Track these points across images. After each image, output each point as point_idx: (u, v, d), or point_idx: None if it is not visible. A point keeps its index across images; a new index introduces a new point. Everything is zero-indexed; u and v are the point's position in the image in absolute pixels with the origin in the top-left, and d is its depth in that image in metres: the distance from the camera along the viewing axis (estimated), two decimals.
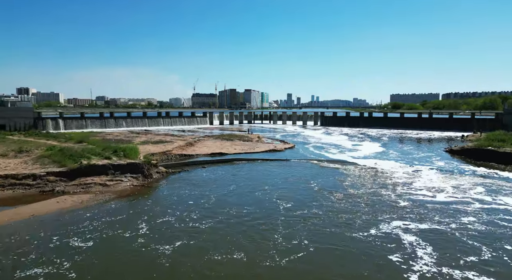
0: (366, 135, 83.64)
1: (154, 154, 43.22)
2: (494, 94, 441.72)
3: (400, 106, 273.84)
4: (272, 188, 29.55)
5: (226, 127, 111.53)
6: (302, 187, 30.09)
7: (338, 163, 41.38)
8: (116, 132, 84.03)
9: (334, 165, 40.53)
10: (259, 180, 33.05)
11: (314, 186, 30.10)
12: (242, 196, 27.15)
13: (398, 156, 47.02)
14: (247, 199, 26.21)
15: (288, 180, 33.16)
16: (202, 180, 33.49)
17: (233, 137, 70.18)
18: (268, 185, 30.67)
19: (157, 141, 56.26)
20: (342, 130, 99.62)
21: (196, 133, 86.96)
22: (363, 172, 35.51)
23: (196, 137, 75.85)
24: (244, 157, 47.07)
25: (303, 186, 30.27)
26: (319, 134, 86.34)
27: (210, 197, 26.78)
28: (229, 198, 26.65)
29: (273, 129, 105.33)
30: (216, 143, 60.06)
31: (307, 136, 78.25)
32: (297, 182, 32.09)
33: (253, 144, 60.77)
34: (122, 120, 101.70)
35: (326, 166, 40.00)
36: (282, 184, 31.05)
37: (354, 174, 34.86)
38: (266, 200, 25.83)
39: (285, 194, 27.36)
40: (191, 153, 48.19)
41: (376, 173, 35.16)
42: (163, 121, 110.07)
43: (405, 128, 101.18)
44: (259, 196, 27.02)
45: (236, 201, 25.58)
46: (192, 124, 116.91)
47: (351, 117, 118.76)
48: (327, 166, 40.31)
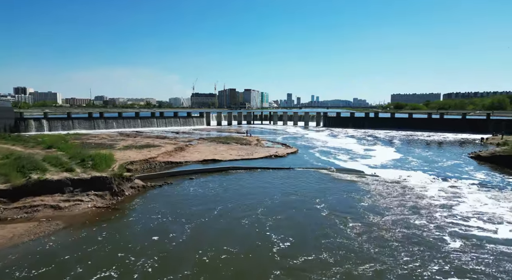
0: (375, 137, 76.83)
1: (134, 162, 36.42)
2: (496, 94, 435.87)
3: (402, 106, 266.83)
4: (268, 211, 22.74)
5: (224, 128, 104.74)
6: (306, 210, 23.25)
7: (352, 174, 34.48)
8: (103, 134, 77.27)
9: (347, 176, 33.69)
10: (254, 197, 26.27)
11: (322, 209, 23.23)
12: (227, 226, 20.31)
13: (421, 164, 40.00)
14: (232, 232, 19.40)
15: (290, 197, 26.42)
16: (185, 197, 26.77)
17: (230, 140, 63.45)
18: (264, 206, 23.82)
19: (143, 146, 49.47)
20: (347, 132, 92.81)
21: (191, 135, 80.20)
22: (386, 188, 28.58)
23: (189, 139, 69.09)
24: (240, 164, 40.35)
25: (307, 209, 23.44)
26: (323, 136, 79.47)
27: (185, 228, 19.91)
28: (209, 229, 19.79)
29: (273, 131, 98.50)
30: (210, 148, 53.29)
31: (311, 139, 71.40)
32: (301, 201, 25.31)
33: (252, 148, 54.01)
34: (112, 121, 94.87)
35: (337, 178, 33.17)
36: (281, 205, 24.27)
37: (374, 190, 27.99)
38: (255, 234, 18.96)
39: (283, 223, 20.47)
40: (180, 160, 41.41)
41: (403, 189, 28.09)
42: (157, 121, 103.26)
43: (414, 130, 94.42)
44: (248, 227, 20.15)
45: (216, 236, 18.76)
46: (188, 125, 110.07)
47: (355, 118, 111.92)
48: (339, 177, 33.48)
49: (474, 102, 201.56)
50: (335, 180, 32.17)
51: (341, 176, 33.70)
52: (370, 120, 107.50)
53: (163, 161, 39.81)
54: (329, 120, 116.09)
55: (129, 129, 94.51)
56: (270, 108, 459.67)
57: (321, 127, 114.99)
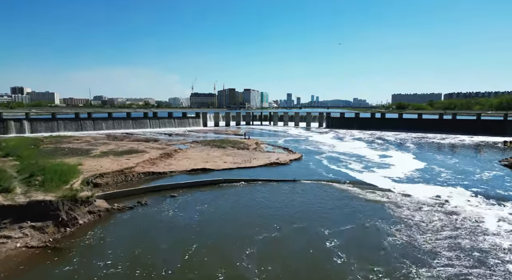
0: (384, 140, 70.11)
1: (105, 174, 29.64)
2: (497, 94, 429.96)
3: (405, 107, 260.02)
4: (261, 255, 16.08)
5: (221, 130, 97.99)
6: (313, 252, 16.54)
7: (373, 191, 27.71)
8: (89, 136, 70.57)
9: (368, 193, 26.94)
10: (244, 229, 19.61)
11: (335, 251, 16.40)
12: None
13: (453, 176, 33.04)
14: None
15: (293, 226, 19.81)
16: (160, 225, 20.13)
17: (226, 144, 56.75)
18: (254, 245, 17.10)
19: (125, 151, 42.74)
20: (353, 134, 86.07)
21: (185, 137, 73.47)
22: (423, 215, 21.59)
23: (182, 142, 62.18)
24: (235, 175, 33.66)
25: (315, 249, 16.76)
26: (328, 138, 72.67)
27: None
28: None
29: (274, 132, 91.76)
30: (203, 153, 46.56)
31: (315, 142, 64.63)
32: (307, 234, 18.69)
33: (250, 153, 47.30)
34: (101, 122, 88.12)
35: (355, 195, 26.43)
36: (279, 244, 17.63)
37: (408, 218, 21.11)
38: None
39: None
40: (164, 170, 34.66)
41: (448, 217, 20.95)
42: (150, 123, 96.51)
43: (424, 131, 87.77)
44: None
45: None
46: (183, 126, 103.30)
47: (361, 119, 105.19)
48: (356, 194, 26.73)
49: (480, 102, 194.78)
50: (353, 199, 25.40)
51: (359, 193, 26.94)
52: (376, 121, 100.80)
53: (143, 172, 33.03)
54: (333, 121, 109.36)
55: (119, 131, 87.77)
56: (270, 108, 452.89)
57: (323, 128, 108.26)
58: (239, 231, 19.43)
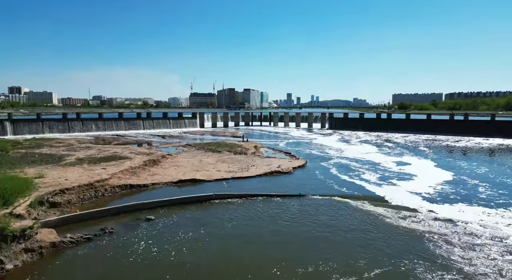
0: (394, 143, 64.47)
1: (68, 190, 23.96)
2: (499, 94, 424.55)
3: (407, 107, 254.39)
4: None
5: (219, 131, 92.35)
6: None
7: (403, 214, 21.90)
8: (73, 138, 64.91)
9: (396, 218, 21.14)
10: (241, 270, 14.08)
11: None
12: None
13: (491, 190, 27.09)
14: None
15: (298, 269, 14.19)
16: (120, 266, 14.58)
17: (222, 147, 51.12)
18: None
19: (104, 158, 37.10)
20: (359, 135, 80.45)
21: (180, 140, 67.82)
22: (483, 254, 15.69)
23: (174, 145, 56.31)
24: (229, 188, 28.05)
25: None
26: (333, 141, 66.95)
27: None
28: None
29: (274, 134, 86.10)
30: (195, 159, 40.91)
31: (320, 146, 58.89)
32: None
33: (248, 159, 41.67)
34: (91, 123, 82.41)
35: (381, 221, 20.65)
36: None
37: (463, 260, 15.38)
38: None
39: None
40: (145, 182, 29.03)
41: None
42: (143, 124, 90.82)
43: (433, 133, 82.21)
44: None
45: None
46: (179, 127, 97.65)
47: (365, 119, 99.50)
48: (382, 219, 20.89)
49: (485, 102, 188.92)
50: (380, 226, 19.61)
51: (385, 216, 21.22)
52: (382, 122, 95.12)
53: (119, 185, 27.35)
54: (336, 122, 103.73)
55: (110, 132, 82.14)
56: (269, 108, 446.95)
57: (326, 129, 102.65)
58: (233, 276, 13.85)
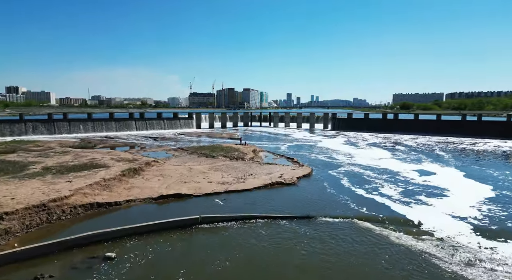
0: (406, 146, 58.96)
1: (9, 214, 18.42)
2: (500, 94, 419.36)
3: (409, 106, 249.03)
4: None
5: (216, 132, 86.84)
6: None
7: (459, 254, 16.38)
8: (56, 141, 59.46)
9: (448, 257, 15.72)
10: None
11: None
12: None
13: None
14: None
15: None
16: None
17: (217, 151, 45.68)
18: None
19: (76, 167, 31.61)
20: (365, 137, 74.98)
21: (174, 142, 62.29)
22: None
23: (164, 149, 50.48)
24: (221, 206, 22.57)
25: None
26: (340, 144, 61.35)
27: None
28: None
29: (274, 136, 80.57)
30: (184, 167, 35.40)
31: (326, 149, 53.31)
32: None
33: (245, 166, 36.18)
34: (79, 124, 76.89)
35: (430, 264, 15.24)
36: None
37: None
38: None
39: None
40: (118, 199, 23.53)
41: None
42: (136, 124, 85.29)
43: (444, 134, 76.82)
44: None
45: None
46: (174, 127, 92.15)
47: (370, 120, 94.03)
48: (433, 263, 15.44)
49: (490, 102, 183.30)
50: (431, 276, 14.15)
51: (432, 255, 15.71)
52: (388, 123, 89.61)
53: (82, 204, 21.83)
54: (339, 122, 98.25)
55: (99, 134, 76.67)
56: (269, 108, 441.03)
57: (329, 130, 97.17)
58: None
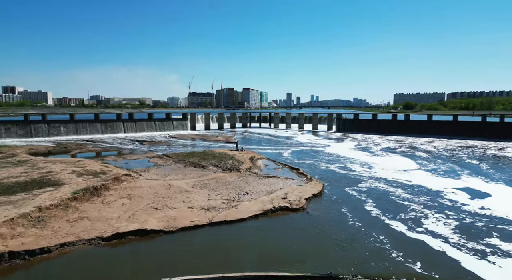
0: (424, 151, 51.30)
1: None
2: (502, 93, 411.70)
3: (413, 106, 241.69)
4: None
5: (211, 135, 79.18)
6: None
7: None
8: (26, 146, 51.75)
9: None
10: None
11: None
12: None
13: None
14: None
15: None
16: None
17: (208, 160, 38.12)
18: None
19: (16, 186, 24.00)
20: (375, 141, 67.38)
21: (164, 146, 54.60)
22: None
23: (145, 155, 42.09)
24: (204, 240, 14.97)
25: None
26: (350, 149, 53.52)
27: None
28: None
29: (275, 139, 72.86)
30: (162, 183, 27.71)
31: (337, 157, 45.44)
32: None
33: (240, 181, 28.54)
34: (59, 125, 69.19)
35: None
36: None
37: None
38: None
39: None
40: (45, 245, 15.88)
41: None
42: (124, 126, 77.56)
43: (461, 137, 69.34)
44: None
45: None
46: (166, 129, 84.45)
47: (378, 121, 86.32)
48: None
49: (498, 101, 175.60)
50: None
51: None
52: (397, 124, 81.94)
53: None
54: (344, 124, 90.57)
55: (82, 136, 69.04)
56: (269, 108, 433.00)
57: (334, 132, 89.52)
58: None
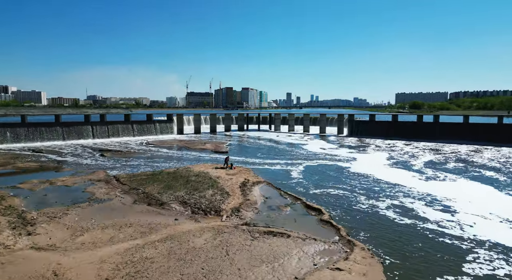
0: (490, 168, 36.39)
1: None
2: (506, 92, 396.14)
3: (419, 106, 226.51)
4: None
5: (198, 141, 64.21)
6: None
7: None
8: None
9: None
10: None
11: None
12: None
13: None
14: None
15: None
16: None
17: (175, 188, 23.23)
18: None
19: None
20: (401, 148, 52.61)
21: (123, 161, 39.45)
22: None
23: (86, 177, 25.48)
24: None
25: None
26: (383, 165, 37.98)
27: None
28: None
29: (278, 147, 57.83)
30: (46, 265, 12.91)
31: (374, 180, 30.19)
32: None
33: (215, 254, 13.22)
34: (5, 130, 54.25)
35: None
36: None
37: None
38: None
39: None
40: None
41: None
42: (92, 130, 62.54)
43: (502, 143, 54.85)
44: None
45: None
46: (147, 134, 69.44)
47: (399, 123, 71.32)
48: None
49: None
50: None
51: None
52: (425, 127, 67.07)
53: None
54: (358, 126, 75.52)
55: (36, 144, 54.13)
56: (269, 108, 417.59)
57: (345, 135, 74.60)
58: None
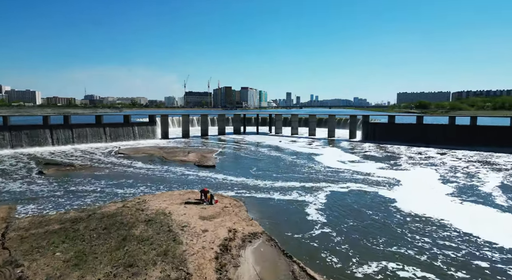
0: None
1: None
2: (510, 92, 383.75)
3: (426, 106, 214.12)
4: None
5: (181, 148, 51.73)
6: None
7: None
8: None
9: None
10: None
11: None
12: None
13: None
14: None
15: None
16: None
17: (101, 252, 10.91)
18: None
19: None
20: (442, 160, 40.37)
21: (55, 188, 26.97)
22: None
23: None
24: None
25: None
26: (444, 195, 25.80)
27: None
28: None
29: (282, 157, 45.42)
30: None
31: (442, 225, 18.25)
32: None
33: None
34: None
35: None
36: None
37: None
38: None
39: None
40: None
41: None
42: (52, 135, 50.06)
43: None
44: None
45: None
46: (123, 138, 57.02)
47: (424, 126, 58.89)
48: None
49: None
50: None
51: None
52: (460, 131, 54.83)
53: None
54: (374, 130, 63.19)
55: None
56: (269, 108, 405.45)
57: (359, 140, 62.31)
58: None
